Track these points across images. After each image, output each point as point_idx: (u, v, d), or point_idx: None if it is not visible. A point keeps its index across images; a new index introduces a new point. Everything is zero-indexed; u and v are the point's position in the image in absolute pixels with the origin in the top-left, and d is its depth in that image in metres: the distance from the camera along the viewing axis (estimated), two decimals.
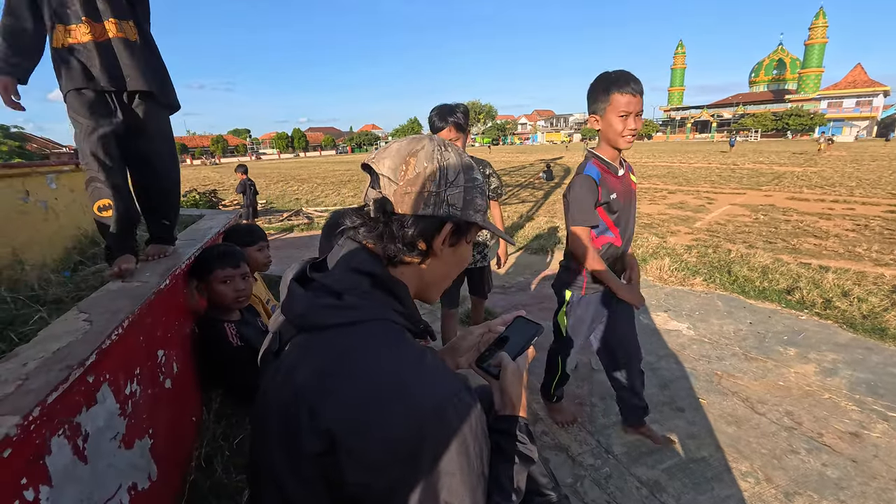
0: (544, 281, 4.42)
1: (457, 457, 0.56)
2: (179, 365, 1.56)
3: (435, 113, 2.17)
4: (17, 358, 0.91)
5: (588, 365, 2.76)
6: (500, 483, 0.70)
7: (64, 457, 0.82)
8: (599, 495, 1.80)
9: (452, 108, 2.16)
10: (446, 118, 2.13)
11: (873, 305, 3.42)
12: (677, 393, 2.46)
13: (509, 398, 0.79)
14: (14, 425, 0.67)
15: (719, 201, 9.35)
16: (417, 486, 0.54)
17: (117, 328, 1.08)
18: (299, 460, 0.59)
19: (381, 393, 0.57)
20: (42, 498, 0.74)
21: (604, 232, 1.83)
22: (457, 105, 2.18)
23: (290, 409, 0.61)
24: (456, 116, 2.14)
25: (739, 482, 1.84)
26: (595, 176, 1.73)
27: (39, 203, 1.96)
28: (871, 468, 1.88)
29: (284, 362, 0.66)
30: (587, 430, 2.18)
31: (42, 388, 0.78)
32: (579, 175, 1.77)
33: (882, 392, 2.40)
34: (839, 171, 14.29)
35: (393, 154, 0.70)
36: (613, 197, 1.76)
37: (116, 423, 1.05)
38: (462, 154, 0.75)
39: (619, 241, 1.86)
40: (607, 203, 1.76)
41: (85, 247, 2.07)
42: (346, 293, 0.66)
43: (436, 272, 0.76)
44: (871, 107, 55.66)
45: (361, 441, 0.55)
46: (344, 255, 0.72)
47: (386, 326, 0.65)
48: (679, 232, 6.58)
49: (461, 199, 0.71)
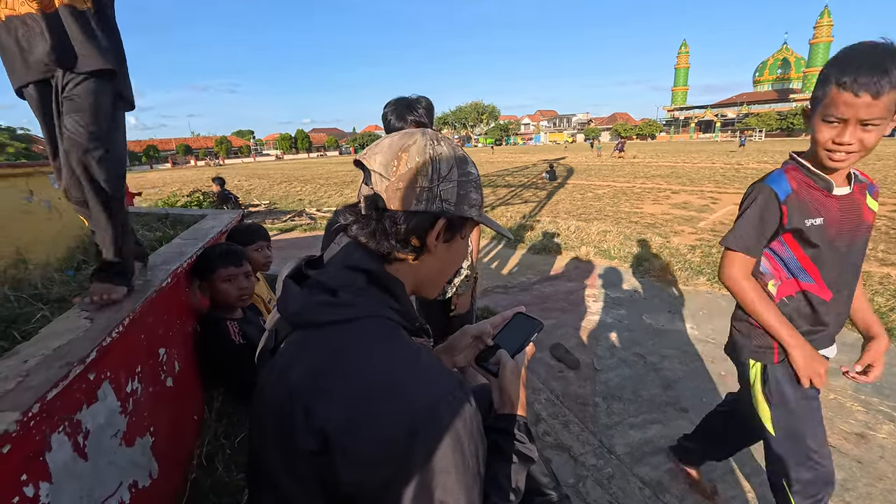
0: (546, 281, 4.41)
1: (451, 455, 0.56)
2: (181, 363, 1.56)
3: (391, 109, 1.76)
4: (17, 355, 0.91)
5: (591, 365, 2.75)
6: (497, 482, 0.70)
7: (64, 453, 0.82)
8: (602, 495, 1.79)
9: (412, 104, 1.76)
10: (405, 116, 1.73)
11: (879, 305, 3.39)
12: (682, 393, 2.45)
13: (508, 397, 0.79)
14: (14, 421, 0.68)
15: (723, 201, 9.30)
16: (411, 485, 0.54)
17: (118, 326, 1.08)
18: (294, 458, 0.59)
19: (374, 392, 0.57)
20: (42, 494, 0.74)
21: (795, 273, 1.24)
22: (417, 99, 1.78)
23: (284, 408, 0.60)
24: (417, 114, 1.74)
25: (743, 483, 1.83)
26: (781, 189, 1.20)
27: (43, 202, 1.97)
28: (877, 469, 1.87)
29: (280, 360, 0.66)
30: (590, 431, 2.17)
31: (42, 385, 0.78)
32: (758, 183, 1.27)
33: (888, 393, 2.38)
34: None
35: (385, 149, 0.69)
36: (817, 223, 1.18)
37: (117, 420, 1.05)
38: (456, 147, 0.73)
39: (823, 292, 1.23)
40: (800, 231, 1.19)
41: (88, 246, 2.08)
42: (342, 290, 0.66)
43: (431, 268, 0.75)
44: None
45: (355, 440, 0.55)
46: (340, 253, 0.71)
47: (381, 324, 0.65)
48: (683, 232, 6.55)
49: (454, 194, 0.70)
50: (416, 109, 1.75)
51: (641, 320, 3.39)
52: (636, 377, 2.61)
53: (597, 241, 5.69)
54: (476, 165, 0.77)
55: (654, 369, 2.69)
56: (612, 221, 7.40)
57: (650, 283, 4.22)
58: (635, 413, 2.29)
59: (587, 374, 2.66)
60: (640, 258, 4.88)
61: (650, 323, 3.33)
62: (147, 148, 72.30)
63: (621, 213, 8.22)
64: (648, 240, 5.74)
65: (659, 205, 9.15)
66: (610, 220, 7.60)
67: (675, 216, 7.82)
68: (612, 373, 2.67)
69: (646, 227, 6.84)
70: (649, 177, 14.78)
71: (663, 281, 4.23)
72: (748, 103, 70.25)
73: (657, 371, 2.66)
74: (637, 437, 2.11)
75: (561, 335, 3.16)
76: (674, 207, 8.77)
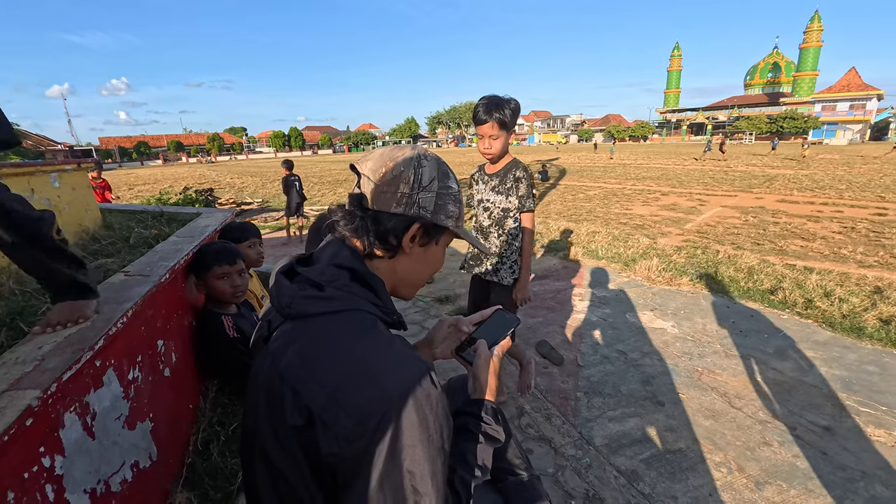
0: (534, 281, 4.51)
1: (418, 431, 0.63)
2: (178, 354, 1.63)
3: (482, 104, 1.92)
4: (32, 342, 0.98)
5: (575, 361, 2.85)
6: (465, 459, 0.78)
7: (75, 431, 0.90)
8: (579, 484, 1.88)
9: (500, 103, 1.90)
10: (492, 112, 1.89)
11: (854, 305, 3.52)
12: (659, 388, 2.55)
13: (479, 383, 0.87)
14: (36, 398, 0.75)
15: (711, 203, 9.47)
16: (382, 455, 0.62)
17: (122, 317, 1.15)
18: (283, 432, 0.67)
19: (352, 375, 0.65)
20: (56, 466, 0.81)
21: None
22: (508, 100, 1.92)
23: (276, 388, 0.68)
24: (502, 112, 1.89)
25: (713, 472, 1.93)
26: None
27: (44, 201, 2.03)
28: (840, 459, 1.97)
29: (272, 347, 0.74)
30: (570, 423, 2.26)
31: (58, 368, 0.85)
32: None
33: (856, 388, 2.49)
34: (830, 174, 14.47)
35: (376, 157, 0.78)
36: None
37: (121, 405, 1.13)
38: (442, 164, 0.82)
39: None
40: None
41: (87, 243, 2.14)
42: (328, 286, 0.74)
43: (407, 269, 0.83)
44: (864, 110, 56.17)
45: (334, 416, 0.63)
46: (327, 251, 0.80)
47: (361, 316, 0.73)
48: (670, 233, 6.68)
49: (433, 204, 0.79)
50: (503, 108, 1.89)
51: (625, 319, 3.49)
52: (617, 373, 2.71)
53: (586, 242, 5.80)
54: (458, 181, 0.85)
55: (634, 365, 2.79)
56: (601, 222, 7.52)
57: (636, 282, 4.34)
58: (614, 407, 2.39)
59: (571, 370, 2.76)
60: (628, 259, 4.99)
61: (633, 321, 3.44)
62: (138, 144, 71.53)
63: (611, 215, 8.35)
64: (636, 241, 5.86)
65: (648, 206, 9.29)
66: (600, 221, 7.72)
67: (663, 218, 7.96)
68: (595, 369, 2.77)
69: (634, 229, 6.96)
70: (640, 178, 14.95)
71: (648, 281, 4.34)
72: (739, 106, 70.98)
73: (637, 367, 2.77)
74: (615, 430, 2.21)
75: (547, 333, 3.26)
76: (663, 209, 8.92)
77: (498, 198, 2.12)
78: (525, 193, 2.07)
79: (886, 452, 2.00)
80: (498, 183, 2.12)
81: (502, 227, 2.13)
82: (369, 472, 0.61)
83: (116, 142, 71.36)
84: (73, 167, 2.31)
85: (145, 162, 63.66)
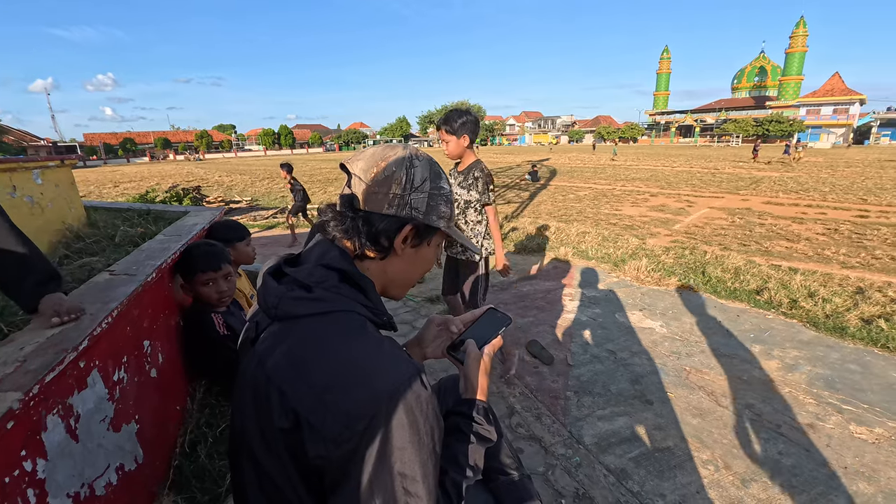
0: (525, 281, 4.52)
1: (408, 433, 0.63)
2: (165, 355, 1.61)
3: (443, 114, 2.41)
4: (14, 343, 0.96)
5: (565, 361, 2.86)
6: (456, 460, 0.77)
7: (58, 434, 0.88)
8: (569, 483, 1.89)
9: (451, 116, 2.37)
10: (444, 122, 2.38)
11: (837, 305, 3.58)
12: (647, 387, 2.57)
13: (470, 383, 0.87)
14: (17, 400, 0.73)
15: (699, 204, 9.59)
16: (372, 458, 0.61)
17: (107, 317, 1.13)
18: (270, 434, 0.66)
19: (340, 377, 0.64)
20: (39, 469, 0.79)
21: None
22: (462, 113, 2.38)
23: (263, 390, 0.67)
24: (450, 124, 2.37)
25: (700, 469, 1.95)
26: None
27: (26, 198, 1.98)
28: (823, 456, 2.01)
29: (259, 348, 0.73)
30: (560, 422, 2.27)
31: (40, 369, 0.83)
32: None
33: (839, 387, 2.54)
34: (814, 177, 14.73)
35: (367, 157, 0.77)
36: None
37: (105, 406, 1.10)
38: (434, 164, 0.81)
39: None
40: None
41: (70, 241, 2.10)
42: (316, 287, 0.72)
43: (398, 269, 0.82)
44: (847, 114, 57.25)
45: (321, 419, 0.62)
46: (315, 252, 0.78)
47: (350, 317, 0.72)
48: (659, 234, 6.75)
49: (424, 204, 0.78)
50: (452, 121, 2.36)
51: (615, 318, 3.52)
52: (607, 372, 2.73)
53: (576, 242, 5.84)
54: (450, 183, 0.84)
55: (623, 365, 2.81)
56: (591, 223, 7.58)
57: (625, 282, 4.37)
58: (604, 406, 2.40)
59: (561, 370, 2.77)
60: (617, 259, 5.03)
61: (623, 321, 3.46)
62: (124, 141, 70.27)
63: (601, 215, 8.41)
64: (626, 241, 5.91)
65: (638, 207, 9.38)
66: (590, 221, 7.77)
67: (652, 218, 8.04)
68: (585, 368, 2.78)
69: (624, 229, 7.02)
70: (630, 179, 15.08)
71: (637, 281, 4.38)
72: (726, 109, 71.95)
73: (627, 366, 2.79)
74: (604, 429, 2.22)
75: (537, 332, 3.27)
76: (651, 210, 9.01)
77: (461, 191, 2.56)
78: (482, 189, 2.51)
79: (868, 449, 2.04)
80: (462, 179, 2.55)
81: (465, 215, 2.58)
82: (359, 475, 0.61)
83: (102, 138, 70.05)
84: (56, 164, 2.26)
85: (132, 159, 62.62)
